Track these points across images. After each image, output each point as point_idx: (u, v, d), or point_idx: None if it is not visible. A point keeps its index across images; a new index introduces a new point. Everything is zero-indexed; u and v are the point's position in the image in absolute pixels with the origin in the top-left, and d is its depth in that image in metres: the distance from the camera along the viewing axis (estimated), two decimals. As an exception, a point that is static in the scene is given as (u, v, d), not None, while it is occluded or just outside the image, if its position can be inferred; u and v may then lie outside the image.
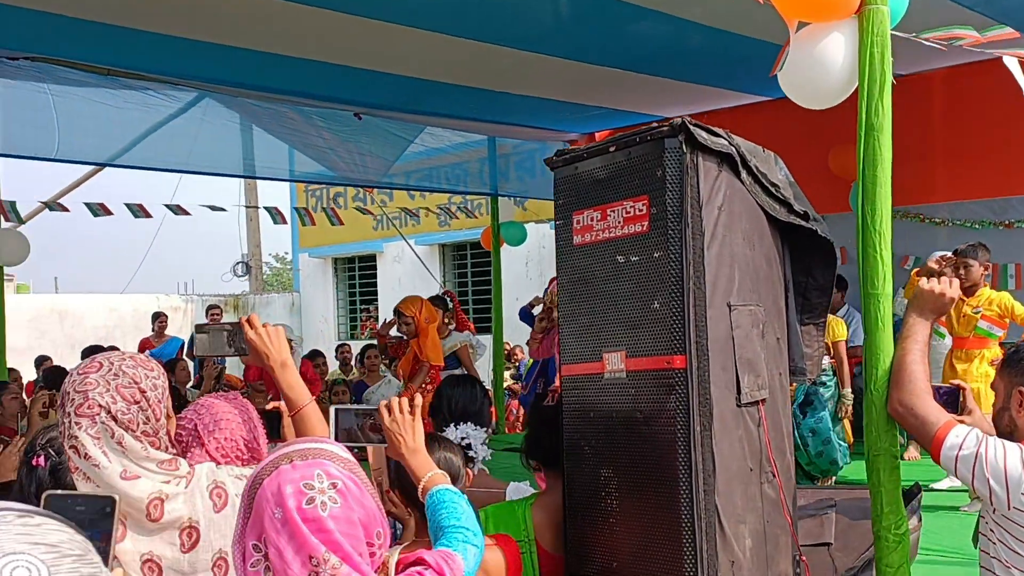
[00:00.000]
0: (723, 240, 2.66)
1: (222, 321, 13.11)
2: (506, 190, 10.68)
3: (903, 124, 8.01)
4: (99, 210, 8.50)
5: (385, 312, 12.11)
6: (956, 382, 2.93)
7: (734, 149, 2.71)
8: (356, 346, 12.89)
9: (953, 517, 5.26)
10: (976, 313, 6.23)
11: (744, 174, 2.76)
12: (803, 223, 2.94)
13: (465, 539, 1.95)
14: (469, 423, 3.38)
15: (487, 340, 10.84)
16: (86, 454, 2.00)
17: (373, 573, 1.57)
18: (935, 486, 5.98)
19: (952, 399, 2.86)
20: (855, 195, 8.42)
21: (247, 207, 11.76)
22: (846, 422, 6.80)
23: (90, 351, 8.44)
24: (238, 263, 19.96)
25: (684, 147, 2.60)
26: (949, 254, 6.53)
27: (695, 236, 2.58)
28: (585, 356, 2.83)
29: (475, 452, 3.30)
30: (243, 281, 20.45)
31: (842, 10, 2.82)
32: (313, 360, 9.72)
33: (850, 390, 6.59)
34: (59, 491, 1.93)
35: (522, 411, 10.64)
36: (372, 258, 18.03)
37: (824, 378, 6.50)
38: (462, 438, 3.28)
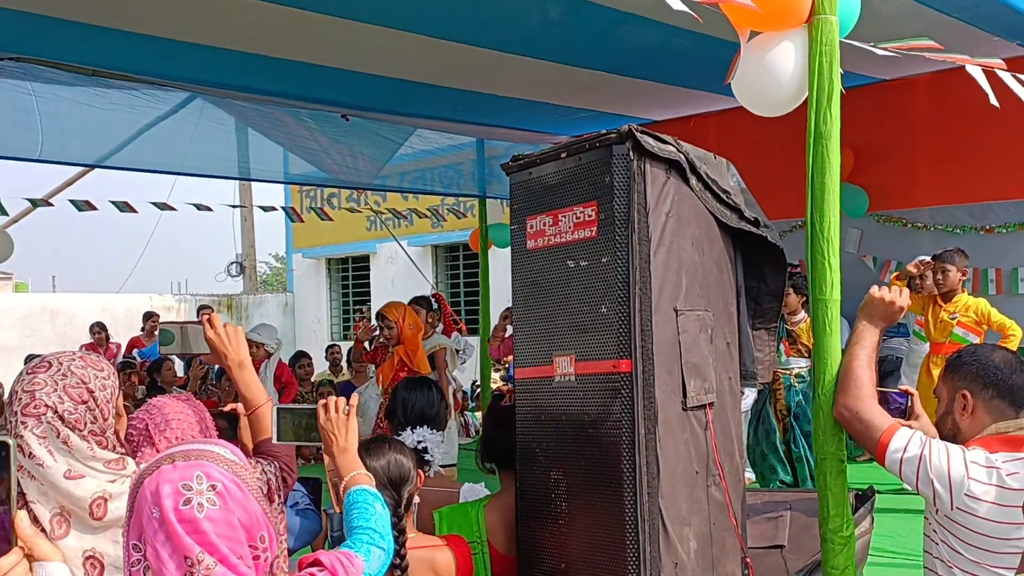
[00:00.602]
0: (671, 246, 2.69)
1: (186, 320, 13.11)
2: (495, 192, 10.72)
3: (887, 128, 8.12)
4: (83, 206, 8.53)
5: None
6: (905, 387, 2.97)
7: (682, 156, 2.75)
8: (348, 346, 12.92)
9: (911, 519, 5.29)
10: (952, 319, 6.27)
11: (693, 180, 2.80)
12: (753, 229, 2.97)
13: (371, 541, 1.98)
14: (426, 427, 3.40)
15: (474, 341, 10.89)
16: (31, 453, 2.03)
17: (254, 575, 1.58)
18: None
19: (902, 404, 2.90)
20: (843, 197, 8.48)
21: (235, 207, 11.73)
22: None
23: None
24: (232, 263, 19.99)
25: (632, 154, 2.63)
26: (928, 259, 6.56)
27: (642, 242, 2.61)
28: (537, 360, 2.86)
29: (431, 456, 3.32)
30: (237, 281, 20.47)
31: (792, 20, 2.85)
32: (297, 361, 9.74)
33: None
34: None
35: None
36: (366, 259, 18.07)
37: (804, 386, 6.54)
38: (418, 442, 3.31)
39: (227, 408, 2.96)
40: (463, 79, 7.55)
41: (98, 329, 12.29)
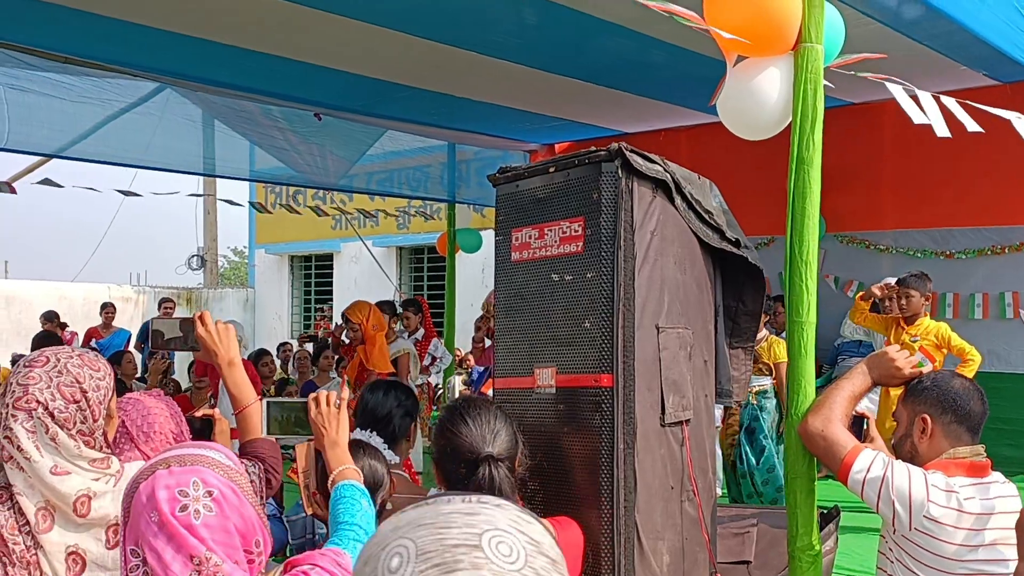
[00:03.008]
0: (655, 264, 2.74)
1: (177, 316, 12.97)
2: (464, 197, 10.73)
3: (854, 151, 8.26)
4: (47, 183, 8.42)
5: (339, 312, 12.11)
6: (860, 411, 3.03)
7: (669, 176, 2.79)
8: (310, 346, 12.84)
9: (870, 537, 5.39)
10: (915, 341, 6.39)
11: (678, 200, 2.85)
12: (734, 250, 3.03)
13: (356, 537, 1.99)
14: (373, 431, 3.38)
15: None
16: (19, 446, 2.03)
17: None
18: None
19: (856, 427, 2.96)
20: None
21: (200, 196, 11.56)
22: None
23: (42, 340, 8.34)
24: (193, 256, 19.78)
25: (620, 172, 2.67)
26: (893, 282, 6.68)
27: (627, 259, 2.65)
28: (518, 371, 2.89)
29: None
30: (198, 274, 20.26)
31: (779, 47, 2.91)
32: (260, 359, 9.67)
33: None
34: None
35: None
36: (329, 257, 17.98)
37: (764, 401, 6.62)
38: (384, 444, 3.30)
39: (199, 414, 2.95)
40: (437, 81, 7.55)
41: (45, 319, 12.03)
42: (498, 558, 0.84)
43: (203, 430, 2.85)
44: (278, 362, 11.96)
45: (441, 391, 10.16)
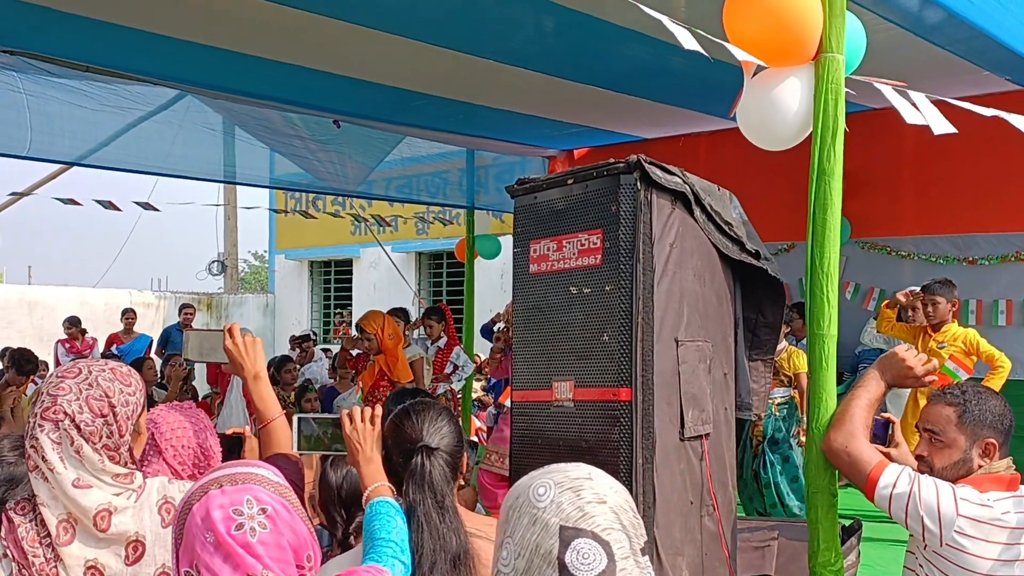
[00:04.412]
0: (673, 276, 2.72)
1: (198, 323, 13.04)
2: (483, 203, 10.72)
3: (875, 157, 8.19)
4: (68, 202, 8.49)
5: (358, 317, 12.16)
6: (886, 415, 2.99)
7: (688, 187, 2.77)
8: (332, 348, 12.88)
9: (896, 549, 5.33)
10: (942, 348, 6.32)
11: (697, 212, 2.83)
12: (754, 262, 3.00)
13: (394, 554, 1.99)
14: None
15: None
16: (44, 456, 2.04)
17: None
18: None
19: (882, 431, 2.93)
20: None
21: (217, 205, 11.60)
22: None
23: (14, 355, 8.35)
24: (214, 261, 19.87)
25: (639, 184, 2.66)
26: (918, 289, 6.62)
27: (646, 272, 2.64)
28: (535, 383, 2.88)
29: None
30: (218, 280, 20.36)
31: (799, 57, 2.88)
32: (283, 366, 9.68)
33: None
34: None
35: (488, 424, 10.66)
36: (348, 263, 18.02)
37: (786, 411, 6.58)
38: None
39: (230, 432, 2.95)
40: (456, 88, 7.56)
41: (69, 324, 12.13)
42: (602, 485, 1.41)
43: (233, 447, 2.85)
44: (294, 354, 12.00)
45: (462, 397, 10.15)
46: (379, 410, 2.33)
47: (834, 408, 2.90)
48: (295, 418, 2.44)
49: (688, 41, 2.54)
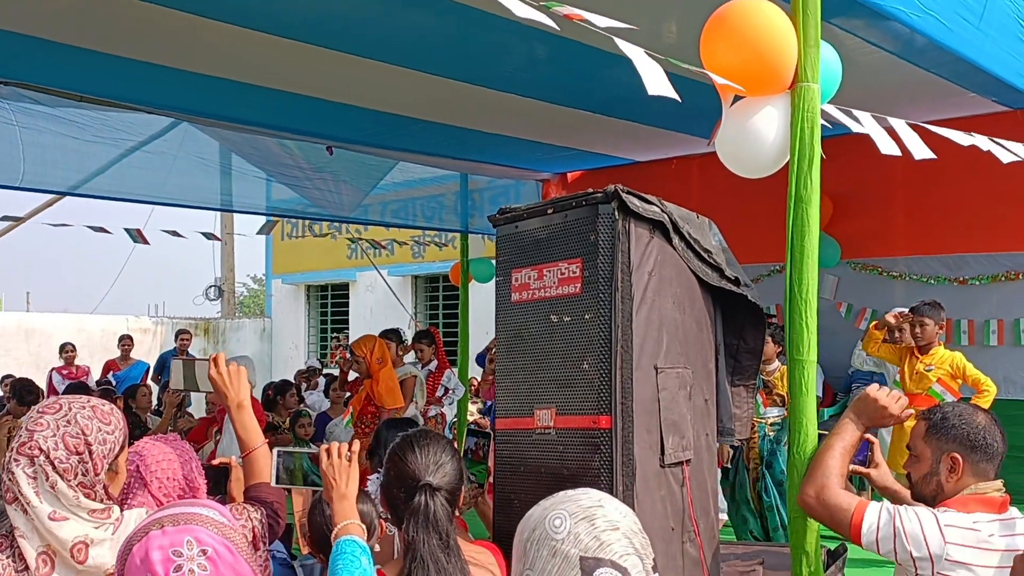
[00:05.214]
0: (652, 304, 2.75)
1: (193, 348, 13.06)
2: (477, 226, 10.77)
3: (866, 178, 8.23)
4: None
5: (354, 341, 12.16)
6: (866, 435, 2.98)
7: (666, 216, 2.81)
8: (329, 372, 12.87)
9: (881, 572, 5.32)
10: (928, 371, 6.34)
11: (676, 240, 2.86)
12: (734, 288, 3.03)
13: None
14: None
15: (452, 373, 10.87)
16: (20, 491, 2.05)
17: None
18: None
19: (861, 451, 2.92)
20: (821, 248, 8.48)
21: (209, 237, 11.52)
22: None
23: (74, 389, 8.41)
24: (211, 286, 19.91)
25: (617, 213, 2.69)
26: (907, 311, 6.64)
27: (624, 300, 2.67)
28: (518, 411, 2.90)
29: None
30: (215, 304, 20.38)
31: (775, 86, 2.93)
32: (287, 391, 9.66)
33: None
34: None
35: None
36: (345, 286, 18.06)
37: (781, 433, 6.58)
38: None
39: (216, 461, 2.97)
40: (449, 114, 7.61)
41: (70, 348, 12.17)
42: (613, 511, 1.48)
43: (219, 478, 2.86)
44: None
45: (455, 421, 10.15)
46: (357, 446, 2.35)
47: (814, 434, 2.92)
48: (275, 451, 2.46)
49: (655, 87, 2.58)
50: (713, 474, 3.03)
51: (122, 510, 2.26)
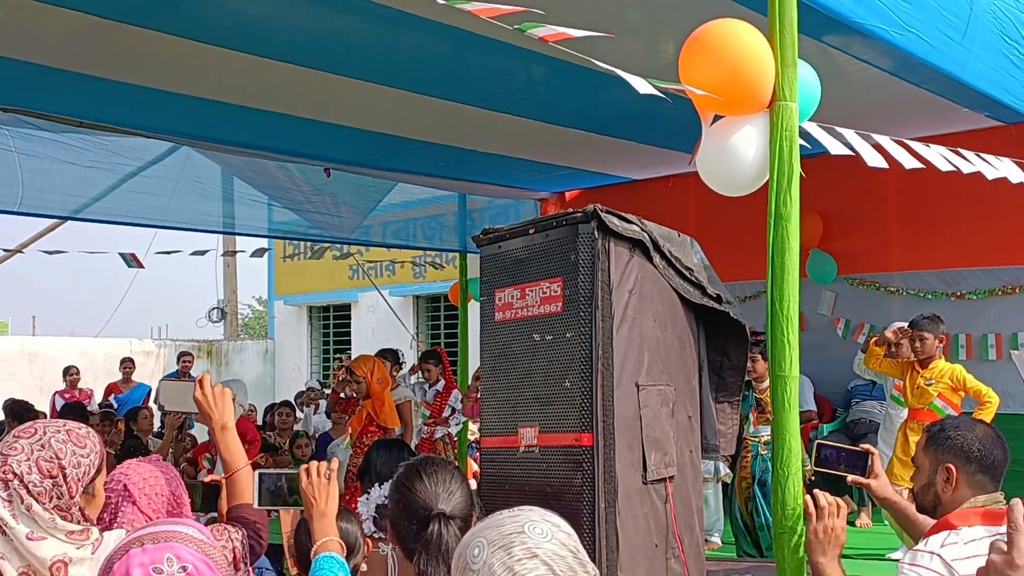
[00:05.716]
0: (633, 322, 2.77)
1: (194, 370, 13.10)
2: (476, 246, 10.78)
3: (859, 194, 8.25)
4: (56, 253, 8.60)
5: (355, 363, 12.15)
6: (865, 446, 2.98)
7: (646, 235, 2.84)
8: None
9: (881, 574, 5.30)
10: (929, 385, 6.34)
11: (657, 258, 2.89)
12: (716, 305, 3.05)
13: None
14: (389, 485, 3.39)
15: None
16: None
17: None
18: (892, 556, 6.00)
19: (860, 462, 2.92)
20: (812, 263, 8.44)
21: (203, 253, 11.58)
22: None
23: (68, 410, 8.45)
24: (213, 308, 19.94)
25: (596, 233, 2.72)
26: (906, 325, 6.64)
27: (604, 318, 2.69)
28: (503, 430, 2.92)
29: None
30: (218, 327, 20.42)
31: (754, 105, 2.96)
32: (279, 409, 9.69)
33: (804, 456, 6.64)
34: None
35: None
36: (347, 307, 18.09)
37: (770, 454, 6.56)
38: (386, 498, 3.32)
39: (207, 479, 2.99)
40: (446, 135, 7.65)
41: (74, 372, 12.22)
42: (536, 535, 1.38)
43: (210, 495, 2.89)
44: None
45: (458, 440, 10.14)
46: (335, 464, 2.37)
47: (797, 450, 2.93)
48: (256, 473, 2.48)
49: (643, 87, 2.62)
50: (698, 491, 3.04)
51: (111, 525, 2.29)
